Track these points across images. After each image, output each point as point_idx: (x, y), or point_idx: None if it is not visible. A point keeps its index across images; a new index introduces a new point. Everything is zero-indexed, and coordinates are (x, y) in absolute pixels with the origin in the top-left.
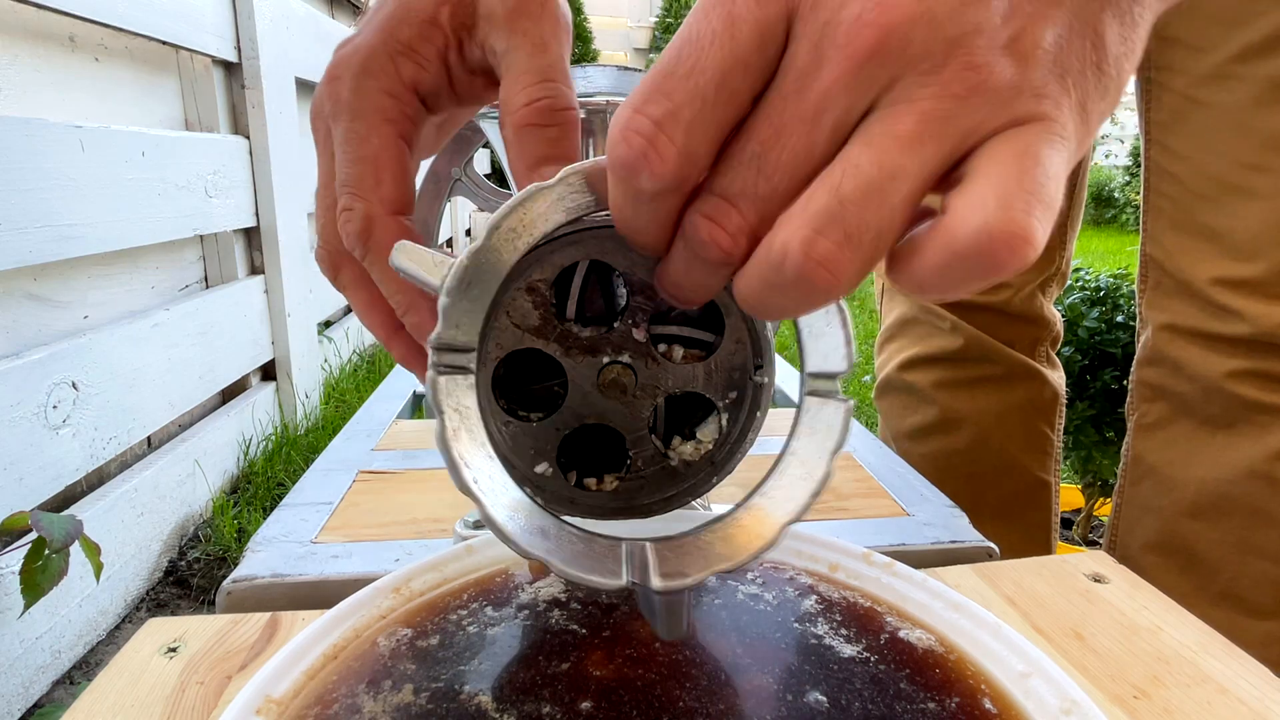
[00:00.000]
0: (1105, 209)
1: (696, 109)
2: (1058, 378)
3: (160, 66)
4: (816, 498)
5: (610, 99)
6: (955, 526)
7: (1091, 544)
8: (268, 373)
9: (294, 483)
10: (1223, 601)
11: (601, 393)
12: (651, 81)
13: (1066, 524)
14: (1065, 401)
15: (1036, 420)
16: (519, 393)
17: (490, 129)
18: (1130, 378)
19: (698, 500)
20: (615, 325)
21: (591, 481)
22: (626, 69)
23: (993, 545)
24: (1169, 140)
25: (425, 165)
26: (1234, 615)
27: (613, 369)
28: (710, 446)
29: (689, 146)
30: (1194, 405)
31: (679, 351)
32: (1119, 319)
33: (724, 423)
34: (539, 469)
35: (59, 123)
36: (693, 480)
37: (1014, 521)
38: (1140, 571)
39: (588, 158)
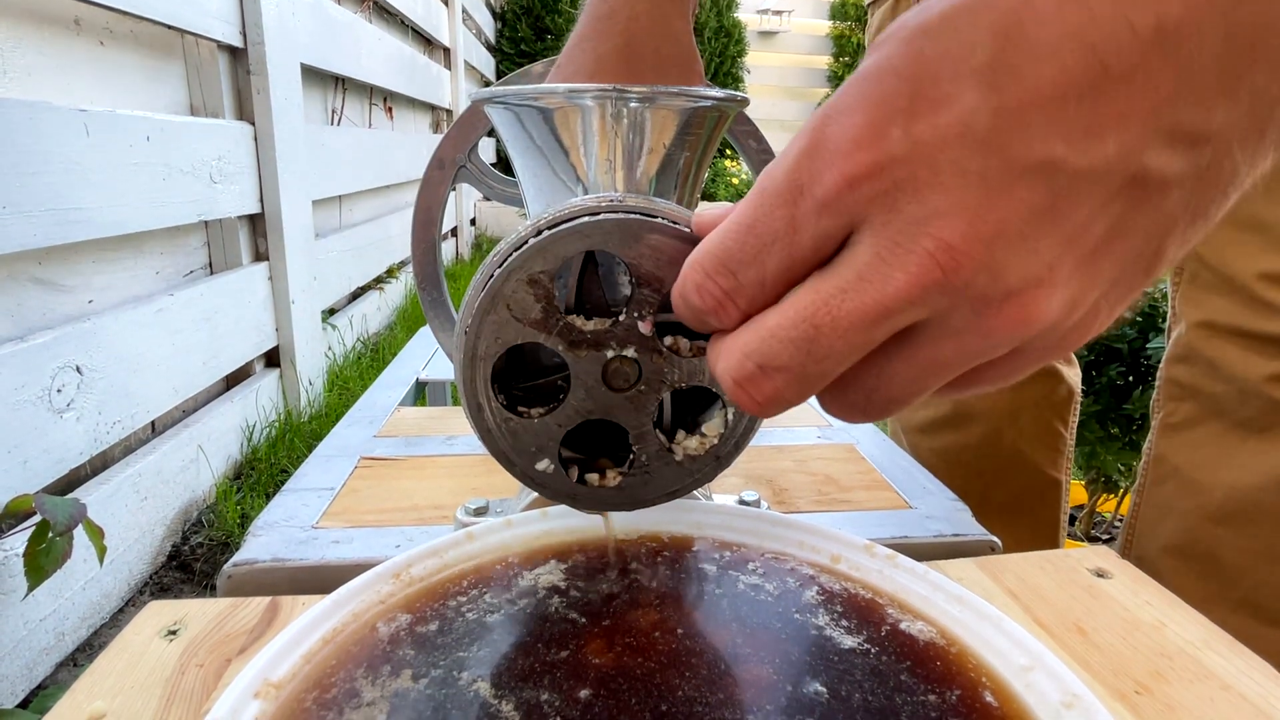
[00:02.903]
0: None
1: (754, 291)
2: (1074, 375)
3: (165, 51)
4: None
5: (604, 89)
6: (958, 520)
7: (1094, 540)
8: (271, 359)
9: (297, 469)
10: (1242, 608)
11: (606, 387)
12: (720, 253)
13: (1069, 520)
14: (1080, 400)
15: (1050, 417)
16: (520, 387)
17: (496, 115)
18: (1158, 375)
19: (699, 490)
20: (620, 318)
21: (594, 477)
22: None
23: (995, 539)
24: None
25: (429, 154)
26: (1253, 624)
27: (616, 362)
28: (715, 441)
29: (747, 311)
30: (1227, 407)
31: (685, 344)
32: (1125, 314)
33: (730, 416)
34: (540, 466)
35: (64, 106)
36: (696, 474)
37: (1022, 518)
38: (1157, 574)
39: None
